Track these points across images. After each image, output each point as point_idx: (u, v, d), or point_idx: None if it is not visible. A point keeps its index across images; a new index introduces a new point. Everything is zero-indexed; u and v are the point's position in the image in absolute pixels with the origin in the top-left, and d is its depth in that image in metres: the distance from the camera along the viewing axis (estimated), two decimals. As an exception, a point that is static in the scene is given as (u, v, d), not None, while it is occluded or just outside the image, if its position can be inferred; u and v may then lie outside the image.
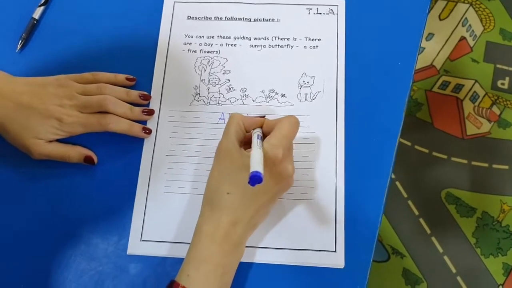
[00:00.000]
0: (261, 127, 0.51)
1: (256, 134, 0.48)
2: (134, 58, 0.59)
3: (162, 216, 0.53)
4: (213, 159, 0.49)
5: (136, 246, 0.52)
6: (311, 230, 0.52)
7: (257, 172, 0.42)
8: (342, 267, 0.50)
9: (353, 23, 0.60)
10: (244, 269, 0.51)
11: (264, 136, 0.49)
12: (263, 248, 0.51)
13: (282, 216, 0.52)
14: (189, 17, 0.61)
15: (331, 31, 0.59)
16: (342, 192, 0.53)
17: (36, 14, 0.61)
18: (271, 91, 0.57)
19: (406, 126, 0.55)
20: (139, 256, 0.52)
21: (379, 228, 0.52)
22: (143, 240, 0.52)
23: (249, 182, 0.42)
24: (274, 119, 0.50)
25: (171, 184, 0.54)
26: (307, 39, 0.59)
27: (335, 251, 0.51)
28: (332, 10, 0.60)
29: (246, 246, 0.50)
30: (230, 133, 0.48)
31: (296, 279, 0.51)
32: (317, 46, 0.59)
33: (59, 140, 0.54)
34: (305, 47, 0.59)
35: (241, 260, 0.50)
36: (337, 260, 0.51)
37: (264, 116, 0.52)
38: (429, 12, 0.59)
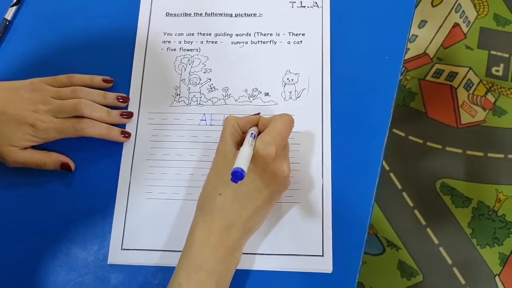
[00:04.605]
0: (257, 125, 0.49)
1: (250, 132, 0.47)
2: (111, 59, 0.57)
3: (143, 223, 0.51)
4: (211, 164, 0.48)
5: (117, 255, 0.50)
6: (297, 235, 0.50)
7: (238, 168, 0.40)
8: (330, 272, 0.49)
9: (338, 16, 0.57)
10: (229, 276, 0.49)
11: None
12: (249, 254, 0.49)
13: (268, 221, 0.50)
14: (167, 14, 0.59)
15: (316, 25, 0.57)
16: (329, 194, 0.51)
17: (8, 15, 0.59)
18: (254, 90, 0.55)
19: (399, 116, 0.53)
20: (120, 266, 0.50)
21: (367, 230, 0.50)
22: (124, 249, 0.50)
23: (231, 179, 0.41)
24: (269, 117, 0.48)
25: (152, 189, 0.52)
26: (291, 34, 0.57)
27: (322, 255, 0.49)
28: (316, 3, 0.58)
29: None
30: (226, 136, 0.47)
31: (284, 285, 0.49)
32: (301, 41, 0.57)
33: (34, 147, 0.52)
34: (288, 42, 0.57)
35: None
36: (325, 265, 0.49)
37: (259, 113, 0.50)
38: (417, 2, 0.57)
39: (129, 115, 0.54)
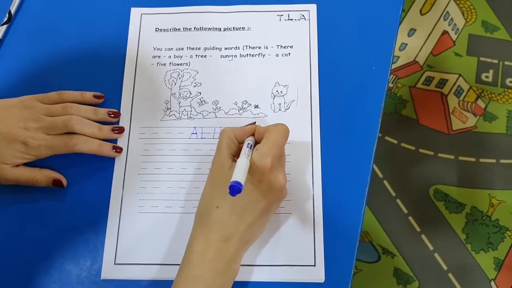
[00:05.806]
0: (253, 134, 0.49)
1: (247, 142, 0.47)
2: (101, 74, 0.57)
3: (136, 237, 0.51)
4: (207, 176, 0.48)
5: (110, 271, 0.50)
6: (289, 245, 0.50)
7: (236, 182, 0.41)
8: (323, 282, 0.49)
9: (325, 28, 0.58)
10: None
11: (257, 143, 0.48)
12: (240, 266, 0.50)
13: (259, 232, 0.50)
14: (157, 29, 0.59)
15: (303, 37, 0.58)
16: (319, 203, 0.51)
17: (-1, 33, 0.59)
18: (244, 102, 0.56)
19: (391, 124, 0.54)
20: (114, 281, 0.50)
21: (358, 238, 0.51)
22: (117, 264, 0.50)
23: (229, 192, 0.41)
24: (265, 126, 0.49)
25: (144, 204, 0.52)
26: (279, 46, 0.58)
27: (314, 265, 0.49)
28: (303, 15, 0.59)
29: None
30: (222, 148, 0.47)
31: (277, 296, 0.49)
32: (289, 53, 0.57)
33: (26, 164, 0.52)
34: (277, 55, 0.57)
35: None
36: (317, 275, 0.49)
37: (254, 122, 0.51)
38: (401, 20, 0.58)
39: (121, 130, 0.54)
